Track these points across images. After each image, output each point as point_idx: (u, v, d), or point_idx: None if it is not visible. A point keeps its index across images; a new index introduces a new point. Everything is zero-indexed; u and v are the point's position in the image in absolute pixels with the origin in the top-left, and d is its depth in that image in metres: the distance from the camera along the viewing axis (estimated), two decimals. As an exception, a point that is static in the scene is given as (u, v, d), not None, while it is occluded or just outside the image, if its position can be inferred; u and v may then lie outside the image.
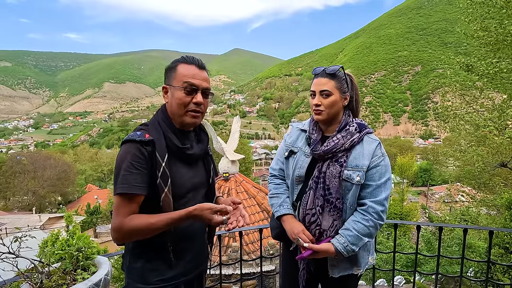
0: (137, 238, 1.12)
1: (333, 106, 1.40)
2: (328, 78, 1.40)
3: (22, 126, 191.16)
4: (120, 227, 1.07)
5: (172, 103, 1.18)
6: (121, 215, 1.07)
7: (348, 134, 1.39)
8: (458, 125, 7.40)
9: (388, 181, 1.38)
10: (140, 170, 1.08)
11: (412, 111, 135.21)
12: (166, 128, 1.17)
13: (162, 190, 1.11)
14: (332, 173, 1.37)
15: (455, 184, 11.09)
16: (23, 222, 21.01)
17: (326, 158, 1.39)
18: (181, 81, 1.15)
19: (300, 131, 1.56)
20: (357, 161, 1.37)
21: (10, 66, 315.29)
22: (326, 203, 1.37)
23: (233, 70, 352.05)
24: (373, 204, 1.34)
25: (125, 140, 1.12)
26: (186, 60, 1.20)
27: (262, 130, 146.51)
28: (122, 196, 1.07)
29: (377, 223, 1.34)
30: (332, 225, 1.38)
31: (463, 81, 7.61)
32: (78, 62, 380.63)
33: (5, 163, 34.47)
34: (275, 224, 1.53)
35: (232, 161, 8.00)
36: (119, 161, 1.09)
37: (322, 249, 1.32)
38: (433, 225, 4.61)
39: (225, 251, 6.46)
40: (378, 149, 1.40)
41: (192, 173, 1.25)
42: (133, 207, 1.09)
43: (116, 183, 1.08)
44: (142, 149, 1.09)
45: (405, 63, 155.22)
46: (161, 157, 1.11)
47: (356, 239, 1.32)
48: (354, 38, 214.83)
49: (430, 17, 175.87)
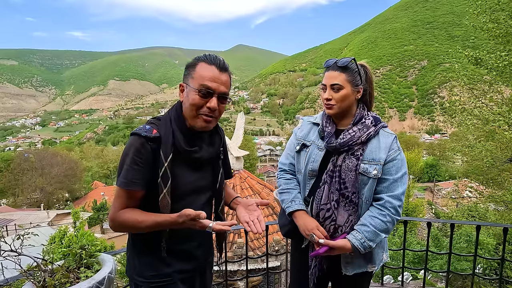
0: (128, 231, 1.14)
1: (344, 100, 1.36)
2: (339, 71, 1.35)
3: (30, 124, 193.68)
4: (113, 218, 1.10)
5: (186, 104, 1.14)
6: (117, 207, 1.09)
7: (364, 127, 1.37)
8: (466, 119, 7.27)
9: (405, 175, 1.36)
10: (141, 166, 1.07)
11: (418, 106, 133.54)
12: (176, 127, 1.13)
13: (161, 191, 1.09)
14: (348, 167, 1.34)
15: (463, 180, 10.94)
16: (31, 218, 21.37)
17: (342, 151, 1.36)
18: (198, 83, 1.10)
19: (312, 125, 1.53)
20: (373, 155, 1.34)
21: (17, 64, 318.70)
22: (342, 197, 1.35)
23: (237, 67, 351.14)
24: (390, 198, 1.31)
25: (132, 132, 1.11)
26: (207, 59, 1.13)
27: (266, 127, 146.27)
28: (122, 189, 1.08)
29: (394, 218, 1.32)
30: (348, 221, 1.35)
31: (471, 75, 7.46)
32: (83, 60, 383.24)
33: (13, 160, 35.02)
34: (286, 221, 1.49)
35: (236, 157, 7.98)
36: (124, 153, 1.09)
37: (338, 245, 1.28)
38: (444, 221, 4.51)
39: (230, 247, 6.46)
40: (394, 143, 1.38)
41: (197, 176, 1.20)
42: (131, 201, 1.10)
43: (118, 175, 1.09)
44: (146, 144, 1.07)
45: (411, 58, 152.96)
46: (165, 156, 1.08)
47: (373, 235, 1.29)
48: (359, 32, 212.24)
49: (437, 10, 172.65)
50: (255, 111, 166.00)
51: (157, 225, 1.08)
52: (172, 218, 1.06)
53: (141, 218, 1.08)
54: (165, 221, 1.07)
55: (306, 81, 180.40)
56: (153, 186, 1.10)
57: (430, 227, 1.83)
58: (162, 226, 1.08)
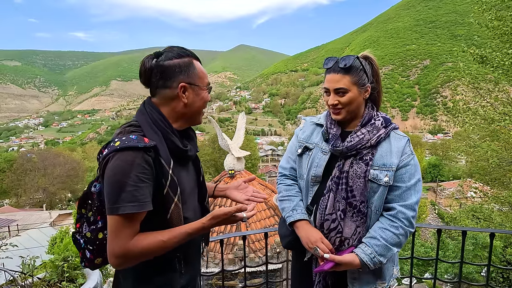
0: (146, 259, 0.98)
1: (352, 103, 1.24)
2: (342, 73, 1.22)
3: (32, 124, 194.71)
4: (126, 252, 0.91)
5: (195, 103, 1.08)
6: (125, 238, 0.91)
7: (374, 128, 1.24)
8: (471, 119, 7.15)
9: (419, 182, 1.23)
10: (147, 182, 0.93)
11: (421, 105, 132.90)
12: (165, 130, 1.03)
13: (171, 201, 0.99)
14: (356, 173, 1.21)
15: (467, 180, 10.80)
16: (34, 218, 21.44)
17: (349, 155, 1.24)
18: (205, 82, 1.10)
19: (315, 126, 1.40)
20: (384, 160, 1.22)
21: (20, 65, 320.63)
22: (349, 207, 1.21)
23: (238, 67, 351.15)
24: (403, 208, 1.18)
25: (122, 147, 0.92)
26: (194, 56, 1.10)
27: (268, 127, 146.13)
28: (127, 215, 0.90)
29: (407, 231, 1.19)
30: (355, 233, 1.22)
31: (476, 74, 7.34)
32: (85, 61, 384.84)
33: (16, 161, 35.19)
34: (287, 232, 1.36)
35: (237, 158, 7.89)
36: (119, 174, 0.90)
37: (345, 261, 1.15)
38: (456, 228, 4.29)
39: (231, 249, 6.39)
40: (407, 147, 1.25)
41: (189, 174, 1.15)
42: (137, 226, 0.95)
43: (117, 201, 0.90)
44: (147, 157, 0.94)
45: (413, 57, 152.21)
46: (167, 163, 0.98)
47: (384, 249, 1.16)
48: (360, 32, 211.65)
49: (440, 9, 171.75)
50: (256, 111, 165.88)
51: (187, 237, 0.99)
52: (205, 223, 1.00)
53: (166, 237, 0.95)
54: (197, 228, 0.99)
55: (308, 81, 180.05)
56: (156, 203, 0.97)
57: (440, 235, 1.71)
58: (193, 235, 1.00)
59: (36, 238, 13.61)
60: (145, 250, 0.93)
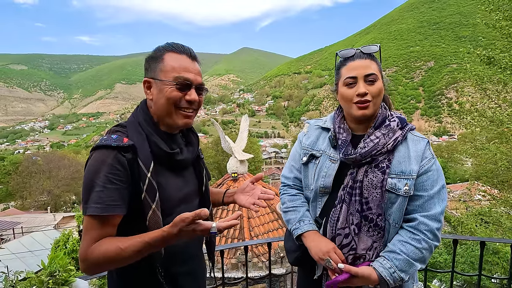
0: (108, 268, 0.90)
1: (380, 95, 1.09)
2: (369, 58, 1.09)
3: (38, 127, 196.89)
4: (85, 256, 0.85)
5: (159, 101, 0.97)
6: (88, 241, 0.85)
7: (389, 131, 1.09)
8: (477, 121, 7.01)
9: (443, 189, 1.08)
10: (118, 184, 0.87)
11: (425, 107, 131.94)
12: (150, 130, 0.97)
13: (148, 207, 0.90)
14: (372, 182, 1.07)
15: (474, 183, 10.61)
16: (38, 221, 21.55)
17: (363, 163, 1.09)
18: (172, 75, 0.95)
19: (321, 130, 1.25)
20: (402, 166, 1.07)
21: (26, 69, 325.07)
22: (364, 220, 1.08)
23: (242, 69, 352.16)
24: (426, 220, 1.04)
25: (98, 145, 0.89)
26: (175, 49, 0.98)
27: (271, 129, 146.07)
28: (94, 217, 0.85)
29: (432, 245, 1.04)
30: (371, 248, 1.08)
31: (483, 75, 7.21)
32: (90, 64, 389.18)
33: (21, 163, 35.53)
34: (293, 246, 1.23)
35: (240, 160, 7.83)
36: (91, 173, 0.87)
37: (362, 273, 1.02)
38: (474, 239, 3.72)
39: (234, 253, 6.30)
40: (427, 150, 1.11)
41: (182, 182, 1.04)
42: (107, 230, 0.88)
43: (87, 201, 0.86)
44: (121, 157, 0.88)
45: (417, 59, 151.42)
46: (146, 166, 0.90)
47: (405, 264, 1.01)
48: (364, 34, 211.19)
49: (443, 10, 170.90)
50: (260, 114, 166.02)
51: (147, 247, 0.85)
52: (165, 231, 0.85)
53: (125, 244, 0.84)
54: (156, 237, 0.84)
55: (311, 83, 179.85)
56: (135, 206, 0.91)
57: (456, 245, 1.58)
58: (154, 246, 0.86)
59: (40, 240, 13.65)
60: (101, 256, 0.84)
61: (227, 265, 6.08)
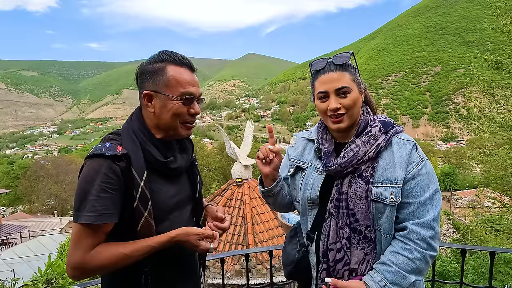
0: (105, 272, 0.94)
1: (355, 106, 1.05)
2: (340, 70, 1.05)
3: (47, 132, 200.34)
4: (82, 263, 0.86)
5: (162, 115, 0.97)
6: (83, 249, 0.87)
7: (371, 137, 1.05)
8: (486, 126, 6.91)
9: (435, 194, 1.03)
10: (111, 192, 0.88)
11: (432, 113, 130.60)
12: (144, 139, 0.97)
13: (141, 215, 0.91)
14: (356, 193, 1.03)
15: (484, 190, 10.40)
16: (45, 225, 21.78)
17: (346, 173, 1.06)
18: (178, 91, 0.96)
19: (307, 141, 1.24)
20: (387, 174, 1.02)
21: (37, 75, 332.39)
22: (353, 233, 1.04)
23: (247, 75, 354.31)
24: (416, 227, 0.99)
25: (92, 154, 0.90)
26: (175, 61, 0.98)
27: (277, 134, 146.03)
28: (88, 225, 0.86)
29: (425, 254, 0.98)
30: (363, 261, 1.05)
31: (491, 80, 7.11)
32: (98, 70, 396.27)
33: (30, 168, 36.06)
34: (287, 260, 1.22)
35: (245, 166, 7.81)
36: (85, 182, 0.88)
37: (350, 287, 1.00)
38: (482, 249, 3.51)
39: (238, 259, 6.25)
40: (414, 153, 1.04)
41: (176, 189, 1.04)
42: (99, 238, 0.89)
43: (79, 209, 0.87)
44: (115, 166, 0.89)
45: (423, 64, 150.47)
46: (139, 175, 0.91)
47: (397, 276, 0.97)
48: (369, 39, 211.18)
49: (450, 15, 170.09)
50: (265, 119, 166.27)
51: (151, 251, 0.92)
52: (168, 237, 0.93)
53: (128, 250, 0.88)
54: (162, 242, 0.92)
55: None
56: (127, 214, 0.92)
57: (464, 256, 1.52)
58: (157, 249, 0.93)
59: (46, 244, 13.77)
60: (104, 263, 0.88)
61: (231, 272, 6.02)
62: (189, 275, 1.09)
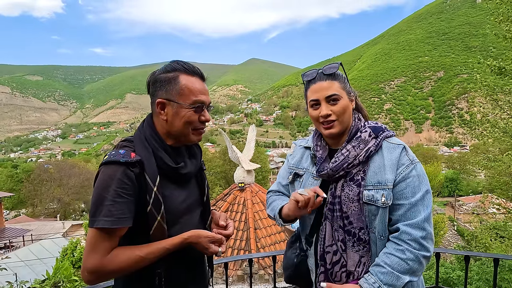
0: (120, 275, 0.97)
1: (345, 112, 1.12)
2: (329, 79, 1.12)
3: (51, 136, 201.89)
4: (100, 268, 0.89)
5: (175, 122, 1.02)
6: (101, 253, 0.90)
7: (360, 142, 1.10)
8: (489, 132, 6.88)
9: (427, 195, 1.06)
10: (126, 198, 0.92)
11: (435, 118, 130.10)
12: (156, 146, 1.01)
13: (154, 219, 0.95)
14: (348, 196, 1.08)
15: (488, 196, 10.30)
16: (48, 228, 21.80)
17: (338, 177, 1.11)
18: (191, 99, 1.01)
19: (304, 149, 1.31)
20: (378, 177, 1.07)
21: (42, 80, 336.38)
22: (347, 235, 1.08)
23: (250, 80, 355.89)
24: (407, 228, 1.02)
25: (107, 161, 0.94)
26: (188, 71, 1.03)
27: (279, 139, 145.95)
28: (104, 230, 0.90)
29: (418, 255, 1.01)
30: (359, 264, 1.08)
31: (494, 85, 7.10)
32: (102, 75, 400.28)
33: (33, 171, 36.28)
34: (287, 264, 1.26)
35: (247, 170, 7.81)
36: (101, 188, 0.91)
37: None
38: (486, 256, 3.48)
39: (240, 265, 6.21)
40: (403, 156, 1.09)
41: (186, 193, 1.08)
42: (114, 241, 0.93)
43: (95, 214, 0.90)
44: (129, 172, 0.93)
45: (426, 69, 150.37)
46: (152, 180, 0.95)
47: (391, 277, 1.00)
48: (372, 45, 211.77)
49: (452, 21, 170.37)
50: (267, 123, 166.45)
51: (166, 252, 0.96)
52: (180, 239, 0.98)
53: (143, 252, 0.93)
54: (175, 244, 0.96)
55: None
56: (139, 218, 0.95)
57: (468, 262, 1.51)
58: (171, 251, 0.97)
59: (49, 248, 13.78)
60: (121, 266, 0.91)
61: (233, 277, 5.99)
62: (199, 276, 1.13)
